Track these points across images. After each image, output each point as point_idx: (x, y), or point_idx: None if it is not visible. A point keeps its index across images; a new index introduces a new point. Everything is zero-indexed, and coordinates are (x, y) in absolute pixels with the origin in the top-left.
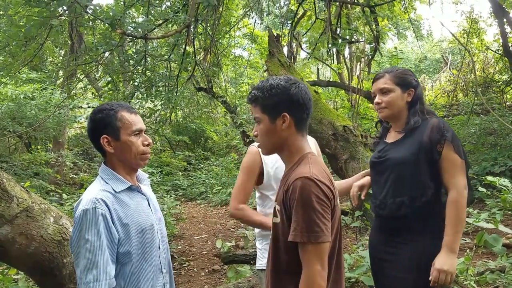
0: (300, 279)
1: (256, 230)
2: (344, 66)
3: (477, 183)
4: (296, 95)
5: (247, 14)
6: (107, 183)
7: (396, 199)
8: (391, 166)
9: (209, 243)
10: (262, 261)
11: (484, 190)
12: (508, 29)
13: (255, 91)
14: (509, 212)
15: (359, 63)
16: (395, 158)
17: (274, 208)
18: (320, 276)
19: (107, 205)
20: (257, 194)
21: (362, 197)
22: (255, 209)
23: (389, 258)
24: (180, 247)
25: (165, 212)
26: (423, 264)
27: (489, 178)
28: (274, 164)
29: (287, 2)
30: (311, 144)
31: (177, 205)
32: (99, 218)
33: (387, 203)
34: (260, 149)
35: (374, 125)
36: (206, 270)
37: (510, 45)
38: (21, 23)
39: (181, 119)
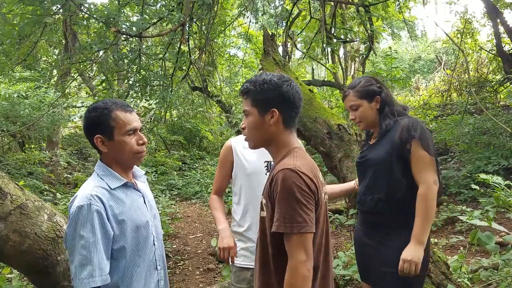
0: (286, 269)
1: (231, 227)
2: (339, 65)
3: (471, 181)
4: (288, 92)
5: (242, 14)
6: (102, 179)
7: (374, 196)
8: (370, 165)
9: (204, 242)
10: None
11: (477, 188)
12: (501, 29)
13: (247, 84)
14: (502, 210)
15: (353, 63)
16: (372, 157)
17: (261, 202)
18: (304, 266)
19: (102, 202)
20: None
21: None
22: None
23: (373, 253)
24: (175, 246)
25: (160, 212)
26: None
27: (482, 176)
28: (245, 161)
29: (282, 2)
30: None
31: (172, 204)
32: (94, 215)
33: (366, 200)
34: (231, 143)
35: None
36: (201, 269)
37: (503, 45)
38: (14, 22)
39: (176, 119)
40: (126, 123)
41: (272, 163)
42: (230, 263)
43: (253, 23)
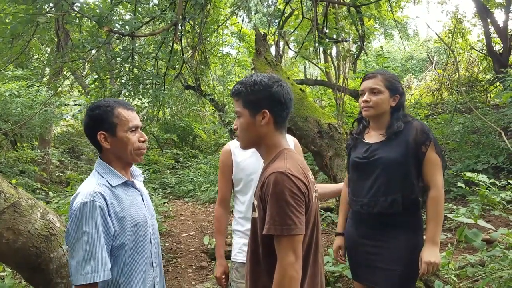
0: (275, 270)
1: (232, 225)
2: (332, 65)
3: (461, 180)
4: (278, 93)
5: (235, 13)
6: (103, 177)
7: (389, 197)
8: (382, 166)
9: (196, 240)
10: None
11: (463, 185)
12: (491, 29)
13: (238, 86)
14: (488, 208)
15: (345, 62)
16: (386, 158)
17: (253, 203)
18: (293, 268)
19: (105, 199)
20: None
21: (342, 257)
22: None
23: (376, 252)
24: (167, 244)
25: None
26: (409, 257)
27: (468, 174)
28: (243, 163)
29: (275, 1)
30: (290, 143)
31: (165, 203)
32: (97, 211)
33: (378, 201)
34: (230, 147)
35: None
36: (194, 267)
37: (493, 44)
38: (7, 20)
39: (169, 117)
40: (128, 120)
41: None
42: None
43: (246, 22)
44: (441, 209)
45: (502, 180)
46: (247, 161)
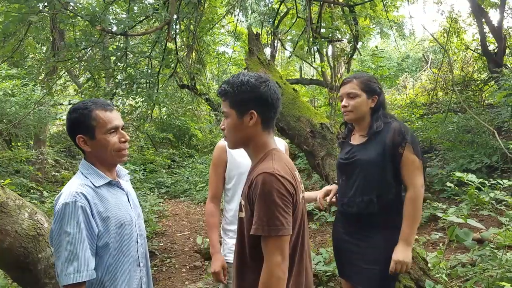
0: (262, 270)
1: (223, 224)
2: (327, 64)
3: (455, 180)
4: (265, 94)
5: (230, 12)
6: (86, 177)
7: (365, 197)
8: (359, 167)
9: (191, 240)
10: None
11: (451, 185)
12: (486, 28)
13: (225, 85)
14: (478, 207)
15: (342, 62)
16: (363, 159)
17: (240, 203)
18: (279, 268)
19: (87, 199)
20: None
21: (328, 201)
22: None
23: (357, 251)
24: (162, 244)
25: (148, 210)
26: (387, 256)
27: (457, 174)
28: (239, 159)
29: (271, 0)
30: (281, 146)
31: (160, 202)
32: (79, 211)
33: (355, 201)
34: (225, 143)
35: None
36: (188, 267)
37: (488, 44)
38: None
39: (165, 116)
40: (106, 122)
41: None
42: (225, 282)
43: (242, 21)
44: (417, 209)
45: (491, 180)
46: (242, 158)
